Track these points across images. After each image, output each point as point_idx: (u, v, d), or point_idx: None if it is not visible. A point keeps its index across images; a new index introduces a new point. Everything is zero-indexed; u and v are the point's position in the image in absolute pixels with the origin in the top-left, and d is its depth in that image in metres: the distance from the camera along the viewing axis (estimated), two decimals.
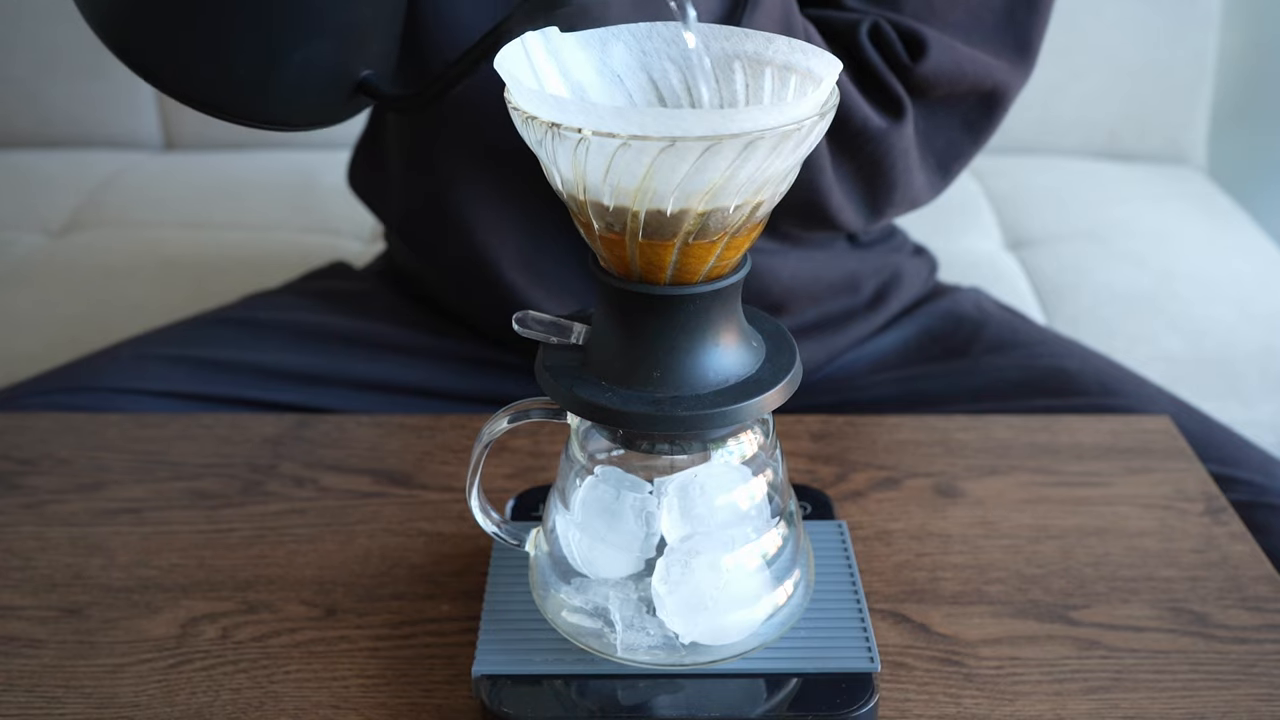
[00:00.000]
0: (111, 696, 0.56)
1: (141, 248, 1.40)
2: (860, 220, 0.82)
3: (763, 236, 0.83)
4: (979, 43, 0.78)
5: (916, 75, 0.76)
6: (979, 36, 0.78)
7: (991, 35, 0.78)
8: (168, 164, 1.65)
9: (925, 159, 0.82)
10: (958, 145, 0.82)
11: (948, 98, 0.79)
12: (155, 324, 1.00)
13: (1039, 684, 0.57)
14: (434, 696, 0.56)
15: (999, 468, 0.73)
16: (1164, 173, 1.61)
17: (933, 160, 0.82)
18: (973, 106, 0.80)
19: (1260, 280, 1.35)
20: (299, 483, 0.72)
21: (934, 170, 0.82)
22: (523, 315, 0.51)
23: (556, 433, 0.76)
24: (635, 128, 0.42)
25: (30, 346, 1.22)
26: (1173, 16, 1.60)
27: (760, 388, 0.50)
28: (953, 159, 0.82)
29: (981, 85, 0.78)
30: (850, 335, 0.93)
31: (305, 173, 1.58)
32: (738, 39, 0.50)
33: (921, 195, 0.83)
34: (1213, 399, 1.14)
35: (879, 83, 0.76)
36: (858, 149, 0.77)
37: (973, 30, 0.78)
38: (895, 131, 0.77)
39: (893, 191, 0.80)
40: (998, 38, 0.79)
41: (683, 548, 0.52)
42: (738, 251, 0.48)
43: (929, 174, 0.82)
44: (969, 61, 0.77)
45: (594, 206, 0.46)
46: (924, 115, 0.79)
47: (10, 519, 0.69)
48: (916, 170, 0.81)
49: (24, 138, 1.70)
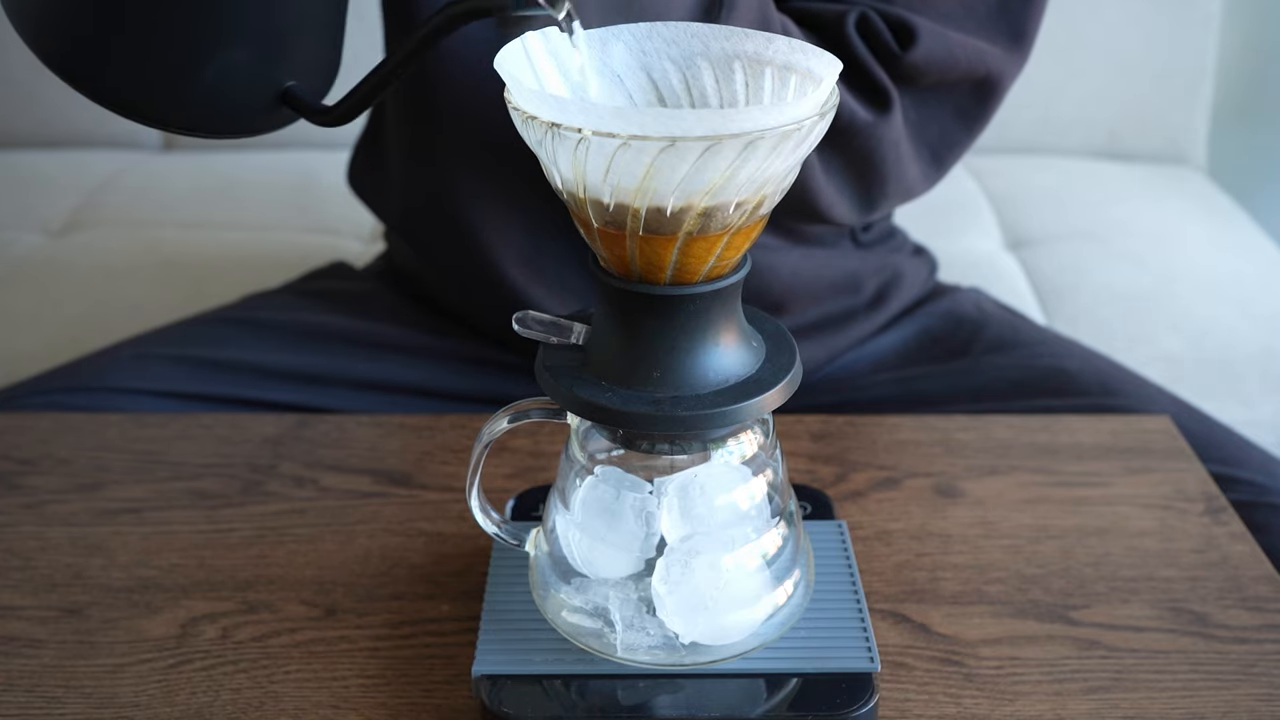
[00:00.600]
0: (111, 696, 0.56)
1: (141, 248, 1.40)
2: (853, 214, 0.81)
3: (763, 234, 0.83)
4: (972, 30, 0.77)
5: (906, 63, 0.75)
6: (972, 25, 0.77)
7: (985, 23, 0.78)
8: (168, 164, 1.65)
9: (919, 150, 0.81)
10: (951, 135, 0.81)
11: (939, 85, 0.78)
12: (155, 324, 1.00)
13: (1039, 684, 0.57)
14: (434, 696, 0.56)
15: (999, 468, 0.73)
16: (1164, 172, 1.61)
17: (926, 151, 0.81)
18: (966, 94, 0.79)
19: (1260, 280, 1.35)
20: (299, 483, 0.72)
21: (928, 161, 0.82)
22: (523, 315, 0.51)
23: (556, 433, 0.76)
24: (635, 128, 0.42)
25: (30, 346, 1.22)
26: (1173, 16, 1.60)
27: (761, 387, 0.50)
28: (946, 149, 0.82)
29: (975, 72, 0.77)
30: (850, 335, 0.93)
31: (305, 173, 1.58)
32: (738, 39, 0.50)
33: (916, 186, 0.82)
34: (1213, 399, 1.14)
35: (865, 75, 0.76)
36: (846, 143, 0.76)
37: (966, 19, 0.77)
38: (883, 123, 0.76)
39: (885, 184, 0.80)
40: (991, 25, 0.78)
41: (683, 548, 0.52)
42: (738, 251, 0.49)
43: (922, 165, 0.82)
44: (960, 48, 0.76)
45: (594, 205, 0.46)
46: (915, 105, 0.79)
47: (10, 519, 0.69)
48: (909, 161, 0.80)
49: (24, 138, 1.70)
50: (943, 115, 0.80)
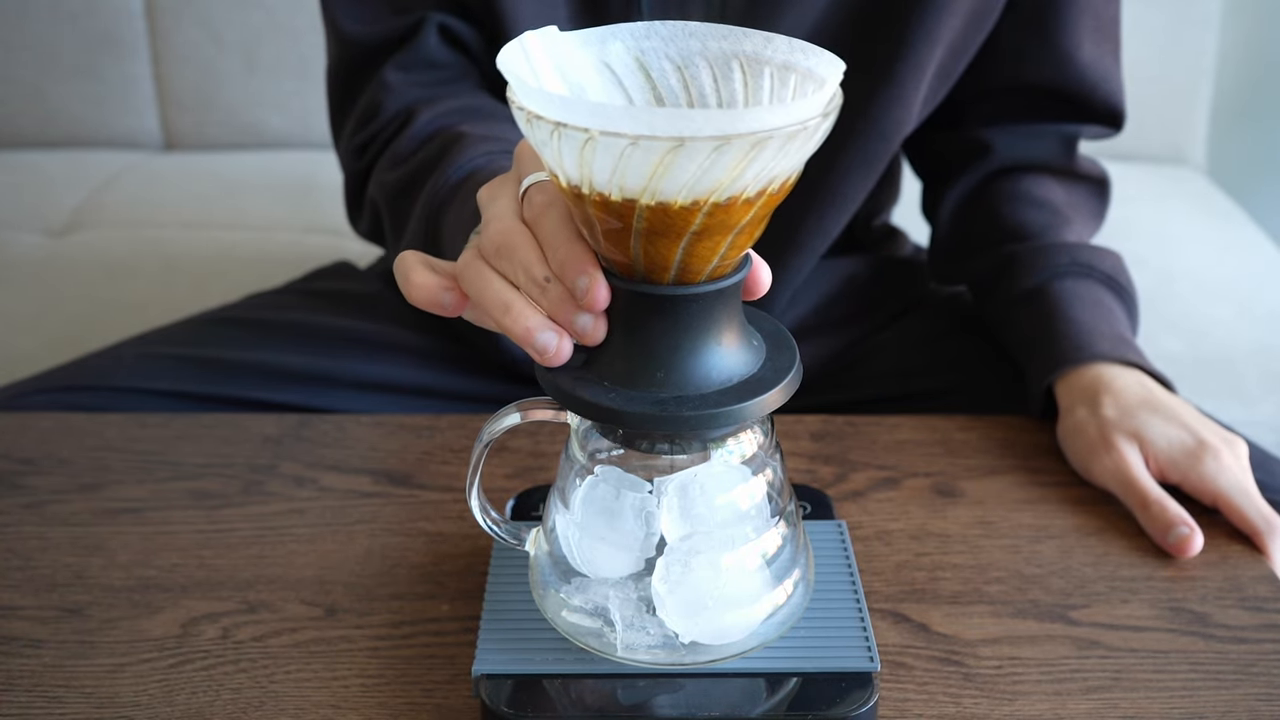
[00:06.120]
0: (112, 696, 0.56)
1: (141, 248, 1.40)
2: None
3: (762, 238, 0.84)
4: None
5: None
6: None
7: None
8: (168, 164, 1.65)
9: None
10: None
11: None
12: (156, 324, 1.00)
13: (1039, 684, 0.57)
14: (434, 696, 0.56)
15: (999, 468, 0.73)
16: (1164, 173, 1.61)
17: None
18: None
19: (1260, 280, 1.35)
20: (299, 483, 0.72)
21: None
22: None
23: (556, 433, 0.76)
24: (644, 127, 0.42)
25: (30, 346, 1.22)
26: (1173, 16, 1.60)
27: (764, 386, 0.50)
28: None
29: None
30: (850, 335, 0.93)
31: (305, 173, 1.58)
32: (735, 38, 0.50)
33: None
34: (1212, 399, 1.14)
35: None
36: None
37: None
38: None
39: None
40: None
41: (683, 547, 0.52)
42: (741, 250, 0.49)
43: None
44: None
45: (598, 204, 0.46)
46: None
47: (11, 519, 0.69)
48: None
49: (25, 138, 1.71)
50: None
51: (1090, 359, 0.75)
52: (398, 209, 0.80)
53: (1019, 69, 0.87)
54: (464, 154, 0.74)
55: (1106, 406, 0.72)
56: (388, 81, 0.82)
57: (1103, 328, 0.78)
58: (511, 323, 0.49)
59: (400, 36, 0.83)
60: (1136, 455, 0.70)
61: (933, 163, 0.95)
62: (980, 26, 0.84)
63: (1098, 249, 0.84)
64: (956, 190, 0.91)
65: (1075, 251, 0.83)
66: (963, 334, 0.92)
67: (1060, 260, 0.82)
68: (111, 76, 1.68)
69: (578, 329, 0.49)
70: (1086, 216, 0.91)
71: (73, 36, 1.66)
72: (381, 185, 0.81)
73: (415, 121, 0.80)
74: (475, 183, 0.70)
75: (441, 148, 0.76)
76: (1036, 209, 0.87)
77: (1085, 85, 0.87)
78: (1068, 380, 0.75)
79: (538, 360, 0.50)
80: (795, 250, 0.87)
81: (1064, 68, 0.87)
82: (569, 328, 0.49)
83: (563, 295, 0.49)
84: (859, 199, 0.86)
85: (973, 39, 0.84)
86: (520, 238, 0.50)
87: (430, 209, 0.74)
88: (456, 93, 0.83)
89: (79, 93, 1.68)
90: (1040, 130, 0.90)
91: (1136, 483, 0.68)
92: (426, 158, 0.77)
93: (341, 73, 0.86)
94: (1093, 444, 0.71)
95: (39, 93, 1.69)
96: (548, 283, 0.49)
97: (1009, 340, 0.84)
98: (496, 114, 0.82)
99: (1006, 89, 0.88)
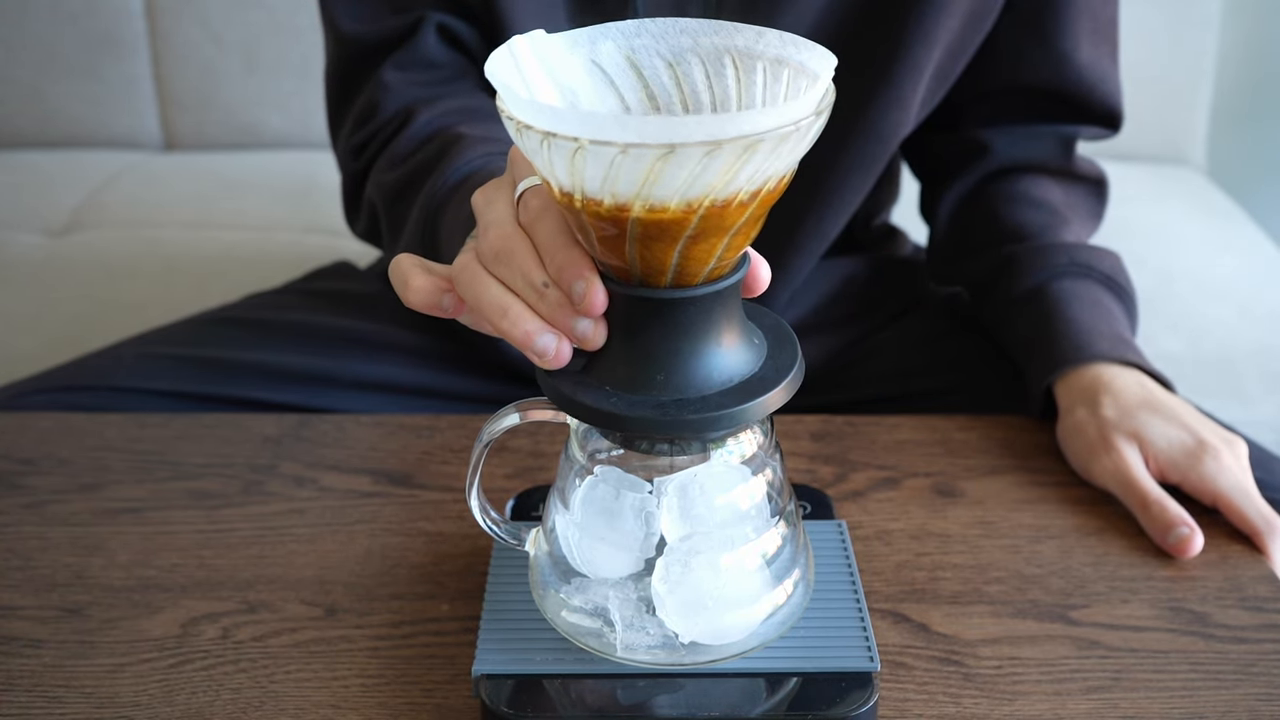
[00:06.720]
0: (112, 696, 0.56)
1: (141, 248, 1.40)
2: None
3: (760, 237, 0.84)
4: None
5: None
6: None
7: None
8: (168, 164, 1.65)
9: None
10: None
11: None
12: (156, 324, 1.00)
13: (1038, 684, 0.57)
14: (434, 696, 0.56)
15: (999, 468, 0.73)
16: (1163, 173, 1.60)
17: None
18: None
19: (1260, 280, 1.35)
20: (299, 483, 0.72)
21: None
22: None
23: (556, 433, 0.76)
24: (634, 135, 0.42)
25: (30, 346, 1.22)
26: (1172, 16, 1.60)
27: (765, 386, 0.50)
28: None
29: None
30: (850, 335, 0.93)
31: (305, 173, 1.58)
32: (727, 33, 0.49)
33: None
34: (1212, 399, 1.14)
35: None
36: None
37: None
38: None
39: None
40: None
41: (682, 547, 0.52)
42: (737, 251, 0.48)
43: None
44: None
45: (591, 211, 0.46)
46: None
47: (11, 519, 0.69)
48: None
49: (25, 138, 1.71)
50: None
51: (1090, 359, 0.75)
52: (395, 210, 0.80)
53: (1017, 70, 0.87)
54: (462, 156, 0.74)
55: (1106, 407, 0.72)
56: (386, 81, 0.82)
57: (1102, 328, 0.78)
58: (510, 327, 0.49)
59: (399, 36, 0.83)
60: (1136, 455, 0.70)
61: (931, 164, 0.95)
62: (978, 27, 0.84)
63: (1096, 249, 0.84)
64: (955, 191, 0.91)
65: (1074, 252, 0.83)
66: (963, 334, 0.92)
67: (1059, 260, 0.82)
68: (111, 76, 1.68)
69: (578, 334, 0.49)
70: (1085, 217, 0.91)
71: (72, 36, 1.66)
72: (379, 186, 0.81)
73: (413, 122, 0.80)
74: (473, 185, 0.70)
75: (440, 149, 0.76)
76: (1035, 209, 0.87)
77: (1083, 86, 0.87)
78: (1067, 380, 0.75)
79: (537, 364, 0.50)
80: (794, 251, 0.87)
81: (1062, 69, 0.87)
82: (569, 333, 0.49)
83: (561, 300, 0.49)
84: (858, 200, 0.86)
85: (970, 40, 0.84)
86: (517, 243, 0.50)
87: (428, 211, 0.74)
88: (455, 93, 0.83)
89: (79, 93, 1.68)
90: (1038, 131, 0.90)
91: (1136, 483, 0.68)
92: (425, 159, 0.77)
93: (340, 72, 0.86)
94: (1092, 444, 0.71)
95: (38, 93, 1.68)
96: (546, 288, 0.49)
97: (1008, 341, 0.84)
98: (495, 114, 0.82)
99: (1004, 90, 0.88)
